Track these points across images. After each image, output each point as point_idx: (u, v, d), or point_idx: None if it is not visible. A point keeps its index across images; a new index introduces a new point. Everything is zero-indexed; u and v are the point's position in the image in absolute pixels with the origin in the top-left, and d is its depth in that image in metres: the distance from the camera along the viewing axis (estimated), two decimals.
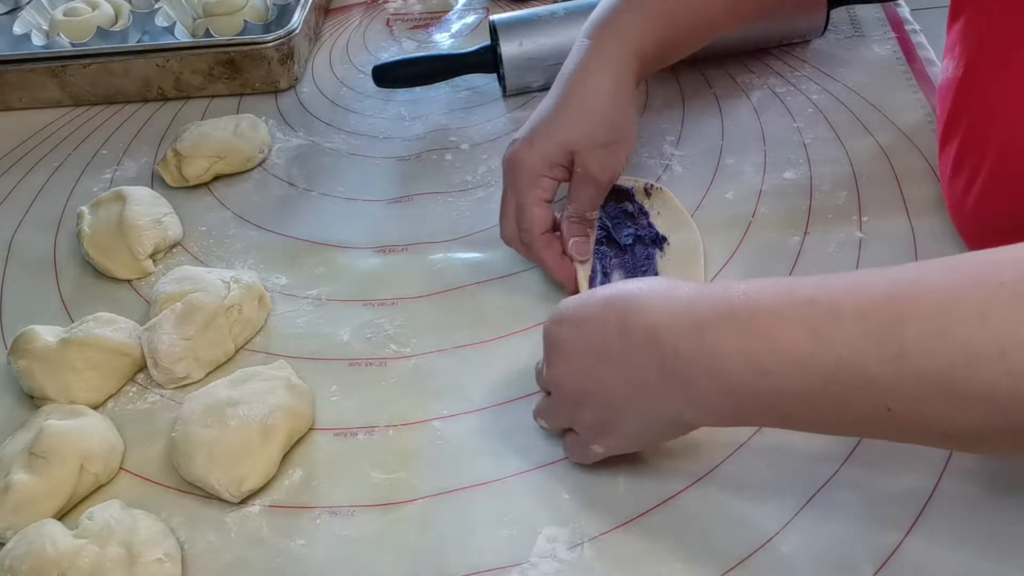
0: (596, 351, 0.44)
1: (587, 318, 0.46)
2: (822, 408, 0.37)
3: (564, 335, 0.47)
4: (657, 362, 0.41)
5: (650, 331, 0.42)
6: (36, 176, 0.79)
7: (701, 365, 0.40)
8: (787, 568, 0.44)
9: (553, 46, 0.80)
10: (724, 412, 0.41)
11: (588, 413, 0.46)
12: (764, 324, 0.38)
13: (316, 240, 0.69)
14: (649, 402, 0.43)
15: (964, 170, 0.56)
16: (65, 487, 0.50)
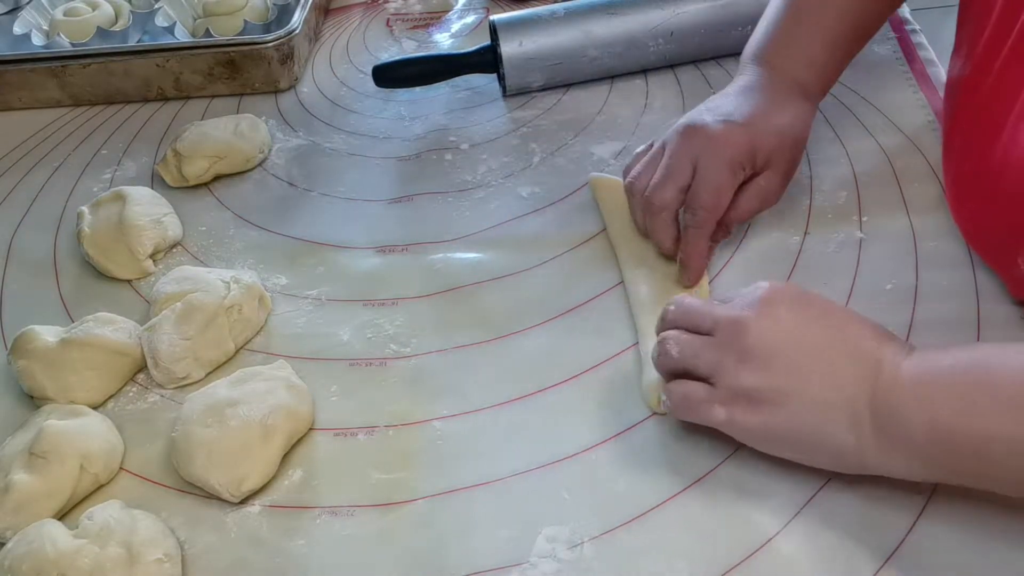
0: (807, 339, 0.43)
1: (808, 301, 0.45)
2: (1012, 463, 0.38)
3: (786, 298, 0.45)
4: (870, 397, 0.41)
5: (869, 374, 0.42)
6: (36, 176, 0.79)
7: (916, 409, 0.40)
8: (787, 568, 0.44)
9: (553, 46, 0.80)
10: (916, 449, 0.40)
11: (754, 379, 0.43)
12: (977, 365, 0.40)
13: (316, 240, 0.69)
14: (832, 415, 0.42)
15: (968, 170, 0.56)
16: (65, 487, 0.50)
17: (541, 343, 0.58)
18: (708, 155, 0.56)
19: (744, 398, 0.44)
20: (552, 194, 0.70)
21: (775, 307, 0.45)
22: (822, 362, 0.43)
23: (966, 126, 0.56)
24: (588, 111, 0.80)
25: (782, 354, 0.43)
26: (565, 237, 0.66)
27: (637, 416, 0.52)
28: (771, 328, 0.44)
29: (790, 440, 0.44)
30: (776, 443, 0.45)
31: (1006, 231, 0.53)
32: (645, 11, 0.80)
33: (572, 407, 0.53)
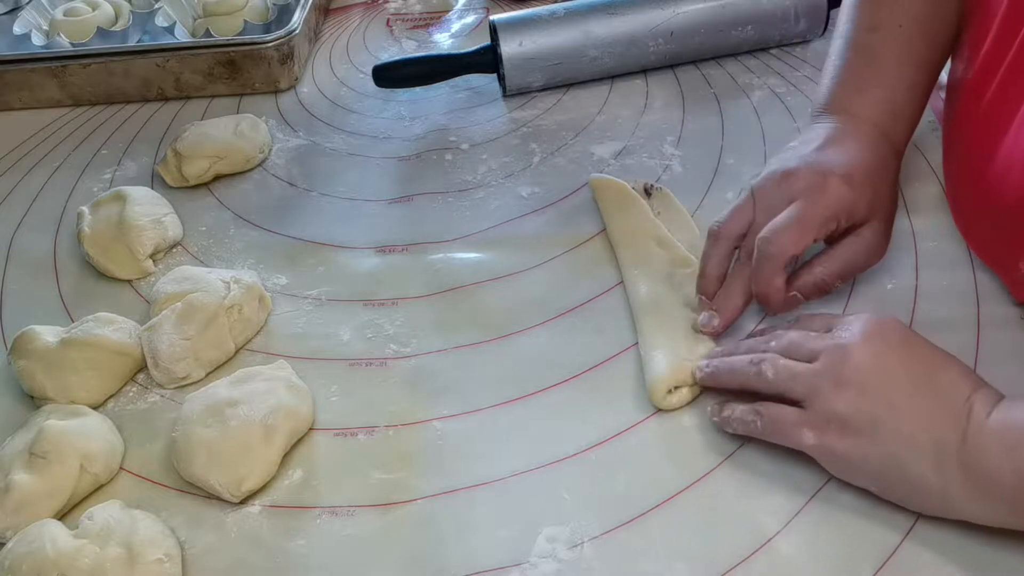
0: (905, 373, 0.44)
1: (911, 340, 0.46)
2: None
3: (890, 332, 0.46)
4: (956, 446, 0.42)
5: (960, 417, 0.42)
6: (36, 176, 0.79)
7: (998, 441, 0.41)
8: (787, 568, 0.44)
9: (553, 46, 0.80)
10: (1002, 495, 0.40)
11: (847, 406, 0.44)
12: None
13: (316, 240, 0.69)
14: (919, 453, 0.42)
15: (969, 173, 0.56)
16: (65, 487, 0.50)
17: (541, 343, 0.58)
18: (808, 198, 0.53)
19: (836, 424, 0.44)
20: (552, 194, 0.70)
21: (877, 340, 0.45)
22: (916, 400, 0.43)
23: (968, 129, 0.56)
24: (588, 111, 0.80)
25: (879, 386, 0.44)
26: (565, 237, 0.66)
27: (637, 416, 0.52)
28: (871, 360, 0.45)
29: (875, 472, 0.44)
30: (861, 473, 0.45)
31: (1007, 234, 0.53)
32: (645, 11, 0.80)
33: (572, 407, 0.53)
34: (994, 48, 0.52)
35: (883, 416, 0.43)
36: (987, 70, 0.53)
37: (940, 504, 0.43)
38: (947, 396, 0.43)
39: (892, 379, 0.44)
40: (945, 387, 0.44)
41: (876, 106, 0.58)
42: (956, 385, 0.44)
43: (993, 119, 0.52)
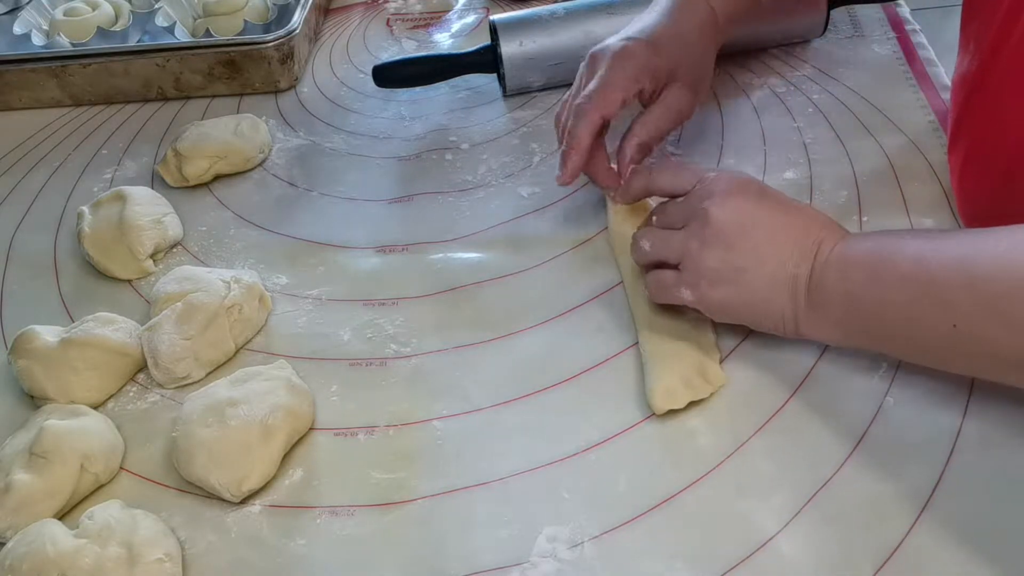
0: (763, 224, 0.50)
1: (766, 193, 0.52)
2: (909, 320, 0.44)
3: (748, 190, 0.51)
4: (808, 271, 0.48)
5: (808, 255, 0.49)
6: (36, 176, 0.79)
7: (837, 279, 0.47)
8: (787, 568, 0.44)
9: (553, 46, 0.80)
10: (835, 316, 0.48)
11: (713, 258, 0.50)
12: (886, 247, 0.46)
13: (316, 240, 0.69)
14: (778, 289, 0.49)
15: (976, 166, 0.56)
16: (65, 487, 0.50)
17: (541, 343, 0.58)
18: (610, 70, 0.60)
19: (707, 278, 0.50)
20: (552, 194, 0.70)
21: (735, 198, 0.51)
22: (773, 245, 0.49)
23: (975, 120, 0.56)
24: None
25: (739, 238, 0.50)
26: (565, 237, 0.66)
27: (637, 416, 0.52)
28: (731, 216, 0.50)
29: (745, 311, 0.51)
30: (735, 315, 0.52)
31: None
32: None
33: (572, 407, 0.53)
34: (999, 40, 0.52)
35: (746, 264, 0.50)
36: (993, 62, 0.53)
37: (794, 329, 0.50)
38: (800, 238, 0.49)
39: (751, 230, 0.50)
40: (799, 231, 0.50)
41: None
42: (808, 227, 0.50)
43: (1000, 111, 0.52)
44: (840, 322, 0.48)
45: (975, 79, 0.55)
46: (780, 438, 0.50)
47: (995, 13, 0.53)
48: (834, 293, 0.47)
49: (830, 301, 0.48)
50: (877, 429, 0.49)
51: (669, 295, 0.53)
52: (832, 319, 0.48)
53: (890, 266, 0.45)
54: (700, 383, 0.52)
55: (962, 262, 0.42)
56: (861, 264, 0.47)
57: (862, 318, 0.47)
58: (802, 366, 0.53)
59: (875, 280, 0.46)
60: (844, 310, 0.47)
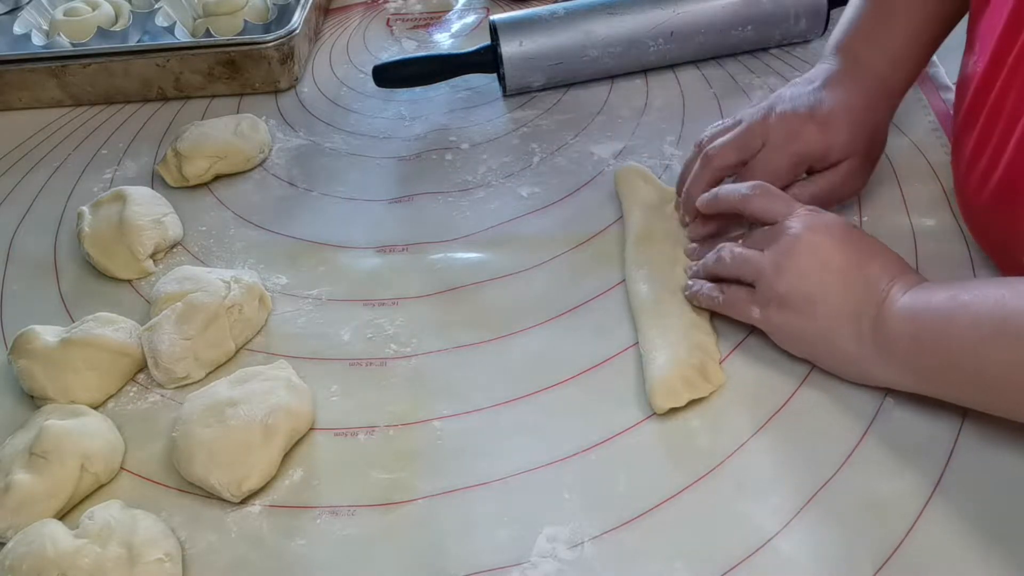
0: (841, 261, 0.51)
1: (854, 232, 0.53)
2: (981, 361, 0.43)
3: (833, 225, 0.52)
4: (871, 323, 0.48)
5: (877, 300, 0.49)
6: (36, 176, 0.79)
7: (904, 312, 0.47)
8: (787, 568, 0.44)
9: (553, 46, 0.80)
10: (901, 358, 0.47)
11: (785, 284, 0.51)
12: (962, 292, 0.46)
13: (316, 240, 0.69)
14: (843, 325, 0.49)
15: (980, 166, 0.56)
16: (65, 487, 0.50)
17: (541, 343, 0.58)
18: (777, 140, 0.60)
19: (777, 301, 0.52)
20: (552, 194, 0.70)
21: (818, 232, 0.52)
22: (846, 283, 0.50)
23: (979, 122, 0.56)
24: (588, 111, 0.80)
25: (814, 270, 0.51)
26: (565, 237, 0.66)
27: (637, 416, 0.52)
28: (810, 248, 0.51)
29: (809, 343, 0.52)
30: (798, 343, 0.53)
31: (1019, 229, 0.53)
32: (645, 11, 0.80)
33: (572, 407, 0.53)
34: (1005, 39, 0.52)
35: (816, 295, 0.50)
36: (998, 62, 0.53)
37: (857, 371, 0.50)
38: (874, 280, 0.50)
39: (826, 265, 0.51)
40: (874, 272, 0.50)
41: (878, 52, 0.62)
42: (883, 270, 0.50)
43: (1005, 112, 0.52)
44: (906, 363, 0.47)
45: (980, 80, 0.55)
46: (780, 438, 0.50)
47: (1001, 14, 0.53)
48: (901, 335, 0.47)
49: (897, 342, 0.47)
50: (877, 429, 0.49)
51: (739, 310, 0.54)
52: (898, 361, 0.48)
53: (964, 307, 0.45)
54: (700, 382, 0.52)
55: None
56: (933, 306, 0.47)
57: (929, 357, 0.46)
58: (802, 366, 0.53)
59: (947, 321, 0.45)
60: (911, 351, 0.47)
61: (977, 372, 0.44)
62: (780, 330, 0.53)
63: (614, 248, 0.64)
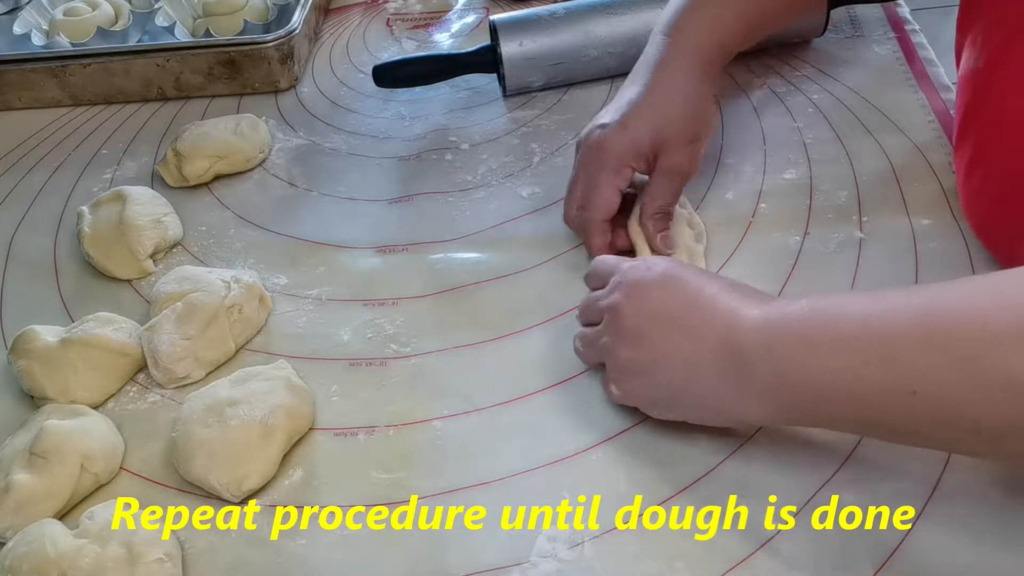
0: (667, 311, 0.47)
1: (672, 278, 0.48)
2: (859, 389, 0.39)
3: (650, 277, 0.49)
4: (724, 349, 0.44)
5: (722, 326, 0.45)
6: (36, 176, 0.79)
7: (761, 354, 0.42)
8: (787, 568, 0.44)
9: (553, 46, 0.80)
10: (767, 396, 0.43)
11: (625, 352, 0.48)
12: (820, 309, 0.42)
13: (316, 240, 0.69)
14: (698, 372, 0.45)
15: (982, 165, 0.56)
16: (65, 487, 0.50)
17: (541, 343, 0.58)
18: (590, 163, 0.61)
19: (626, 372, 0.49)
20: (552, 194, 0.70)
21: (644, 288, 0.49)
22: (682, 326, 0.46)
23: (982, 117, 0.56)
24: (588, 111, 0.80)
25: (648, 328, 0.48)
26: (565, 237, 0.66)
27: (637, 416, 0.52)
28: (639, 307, 0.48)
29: (672, 401, 0.48)
30: (660, 407, 0.49)
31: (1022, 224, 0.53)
32: (645, 11, 0.80)
33: (572, 407, 0.53)
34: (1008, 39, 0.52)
35: (655, 354, 0.47)
36: (999, 59, 0.53)
37: (722, 413, 0.46)
38: (711, 312, 0.46)
39: (657, 319, 0.47)
40: (709, 304, 0.46)
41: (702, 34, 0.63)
42: (720, 299, 0.46)
43: (1007, 108, 0.52)
44: (773, 401, 0.43)
45: (983, 78, 0.55)
46: (780, 438, 0.50)
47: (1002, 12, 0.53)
48: (761, 368, 0.42)
49: (757, 377, 0.42)
50: None
51: (607, 393, 0.51)
52: (765, 400, 0.43)
53: (828, 331, 0.40)
54: None
55: (919, 319, 0.37)
56: (790, 329, 0.42)
57: (800, 395, 0.41)
58: None
59: (808, 346, 0.41)
60: (776, 387, 0.42)
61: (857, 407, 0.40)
62: (639, 399, 0.49)
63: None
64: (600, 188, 0.60)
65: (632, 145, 0.60)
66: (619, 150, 0.60)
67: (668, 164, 0.60)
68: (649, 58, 0.63)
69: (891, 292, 0.40)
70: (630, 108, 0.61)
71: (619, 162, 0.60)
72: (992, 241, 0.58)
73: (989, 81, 0.55)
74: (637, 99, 0.61)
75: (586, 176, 0.61)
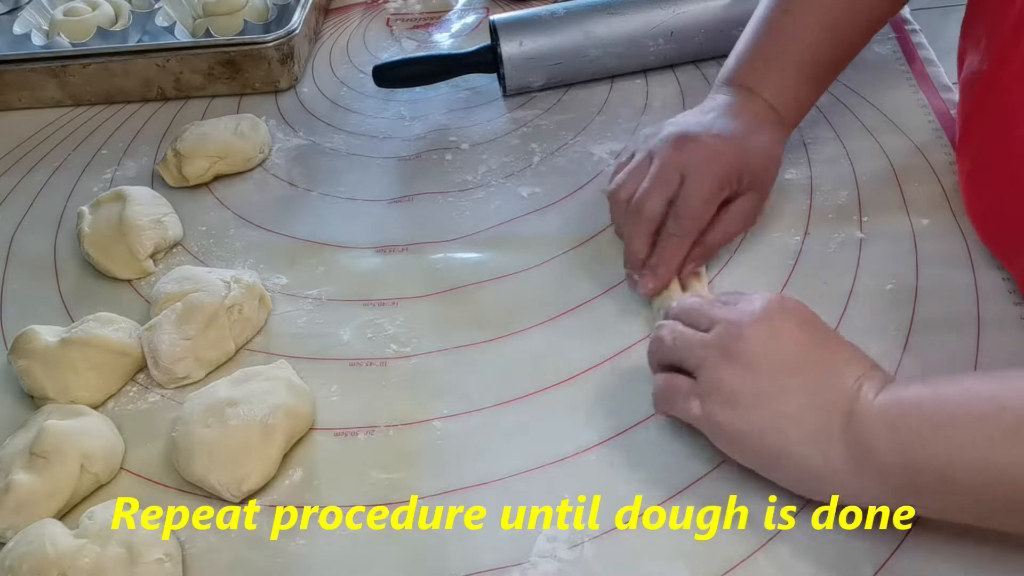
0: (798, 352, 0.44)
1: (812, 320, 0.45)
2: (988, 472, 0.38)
3: (791, 309, 0.45)
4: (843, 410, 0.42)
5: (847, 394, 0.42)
6: (36, 176, 0.79)
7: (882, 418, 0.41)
8: (787, 568, 0.44)
9: (553, 46, 0.80)
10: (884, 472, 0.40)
11: (733, 375, 0.44)
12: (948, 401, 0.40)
13: (316, 240, 0.69)
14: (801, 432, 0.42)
15: (985, 167, 0.56)
16: (65, 487, 0.50)
17: (541, 343, 0.58)
18: (699, 166, 0.56)
19: (721, 395, 0.44)
20: (552, 194, 0.70)
21: (775, 318, 0.45)
22: (803, 378, 0.43)
23: (985, 118, 0.56)
24: (588, 111, 0.80)
25: (766, 362, 0.44)
26: (565, 237, 0.66)
27: (637, 416, 0.52)
28: (764, 336, 0.44)
29: (756, 446, 0.44)
30: (743, 447, 0.45)
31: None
32: (645, 11, 0.80)
33: (572, 407, 0.53)
34: (1011, 38, 0.52)
35: (767, 391, 0.43)
36: (1004, 61, 0.53)
37: (818, 484, 0.43)
38: (837, 376, 0.43)
39: (781, 357, 0.44)
40: (836, 368, 0.43)
41: (773, 87, 0.61)
42: (847, 366, 0.43)
43: (1011, 110, 0.52)
44: (892, 481, 0.40)
45: (985, 80, 0.55)
46: None
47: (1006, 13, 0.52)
48: (882, 444, 0.40)
49: (877, 457, 0.40)
50: None
51: (676, 404, 0.47)
52: (881, 477, 0.40)
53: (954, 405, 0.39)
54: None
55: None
56: (916, 407, 0.40)
57: (919, 474, 0.40)
58: None
59: (937, 425, 0.39)
60: (897, 467, 0.40)
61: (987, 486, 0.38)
62: (722, 430, 0.45)
63: (614, 248, 0.64)
64: (707, 201, 0.56)
65: (740, 165, 0.56)
66: (732, 163, 0.56)
67: (745, 207, 0.58)
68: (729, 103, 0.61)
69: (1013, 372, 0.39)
70: (739, 129, 0.58)
71: (726, 179, 0.56)
72: (995, 243, 0.58)
73: (992, 83, 0.55)
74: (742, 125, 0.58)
75: (692, 175, 0.56)
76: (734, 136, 0.58)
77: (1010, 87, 0.52)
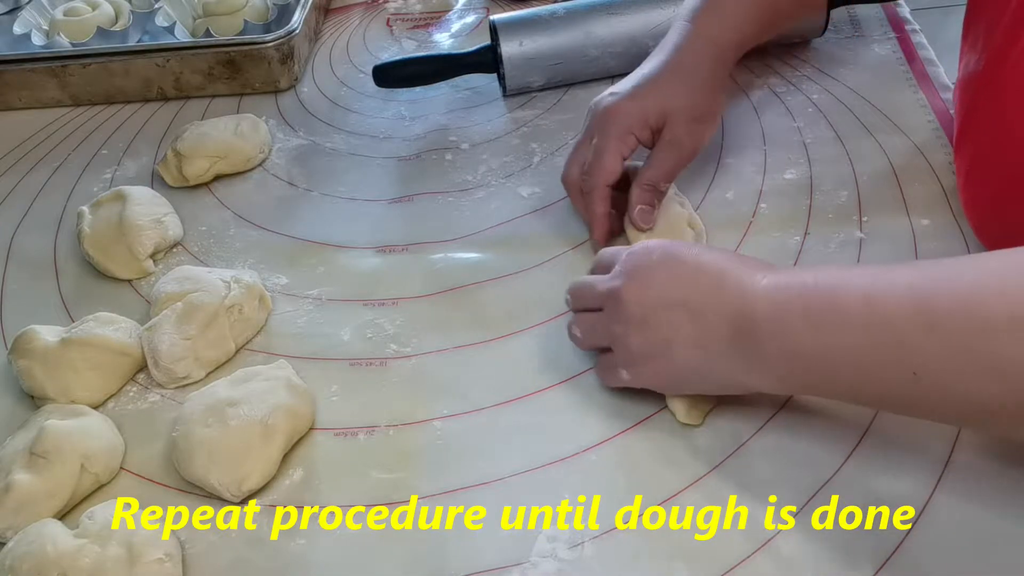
0: (671, 294, 0.48)
1: (672, 259, 0.49)
2: (863, 369, 0.41)
3: (651, 261, 0.49)
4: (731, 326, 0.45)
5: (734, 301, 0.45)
6: (36, 176, 0.79)
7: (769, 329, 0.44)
8: (787, 568, 0.44)
9: (553, 46, 0.80)
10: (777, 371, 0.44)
11: (639, 339, 0.48)
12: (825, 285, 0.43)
13: (316, 240, 0.69)
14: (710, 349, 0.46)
15: (982, 167, 0.56)
16: (65, 487, 0.50)
17: (542, 343, 0.58)
18: (600, 127, 0.62)
19: (638, 357, 0.49)
20: (552, 194, 0.70)
21: (645, 272, 0.49)
22: (689, 309, 0.47)
23: (982, 121, 0.56)
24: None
25: (654, 313, 0.48)
26: (565, 237, 0.66)
27: (637, 416, 0.52)
28: (643, 293, 0.48)
29: (684, 379, 0.49)
30: (676, 385, 0.50)
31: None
32: (645, 11, 0.80)
33: (572, 407, 0.53)
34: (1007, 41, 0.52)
35: (668, 334, 0.47)
36: (1000, 63, 0.53)
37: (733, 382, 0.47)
38: (718, 288, 0.46)
39: (662, 303, 0.48)
40: (716, 281, 0.47)
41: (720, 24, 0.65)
42: (727, 274, 0.46)
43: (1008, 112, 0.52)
44: (784, 377, 0.44)
45: (982, 80, 0.55)
46: (780, 438, 0.50)
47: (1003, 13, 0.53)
48: (770, 346, 0.44)
49: (767, 355, 0.44)
50: (877, 429, 0.49)
51: (611, 378, 0.52)
52: (775, 374, 0.45)
53: (833, 308, 0.42)
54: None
55: (920, 302, 0.38)
56: (797, 308, 0.43)
57: (807, 371, 0.43)
58: None
59: (816, 327, 0.42)
60: (785, 364, 0.44)
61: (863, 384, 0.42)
62: (652, 382, 0.50)
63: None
64: (604, 153, 0.61)
65: (640, 114, 0.61)
66: (627, 117, 0.61)
67: (669, 137, 0.62)
68: (668, 40, 0.65)
69: (895, 269, 0.41)
70: (643, 80, 0.63)
71: (625, 129, 0.61)
72: (993, 242, 0.58)
73: (990, 83, 0.55)
74: (651, 73, 0.63)
75: (591, 140, 0.62)
76: (636, 88, 0.62)
77: (1006, 86, 0.52)
